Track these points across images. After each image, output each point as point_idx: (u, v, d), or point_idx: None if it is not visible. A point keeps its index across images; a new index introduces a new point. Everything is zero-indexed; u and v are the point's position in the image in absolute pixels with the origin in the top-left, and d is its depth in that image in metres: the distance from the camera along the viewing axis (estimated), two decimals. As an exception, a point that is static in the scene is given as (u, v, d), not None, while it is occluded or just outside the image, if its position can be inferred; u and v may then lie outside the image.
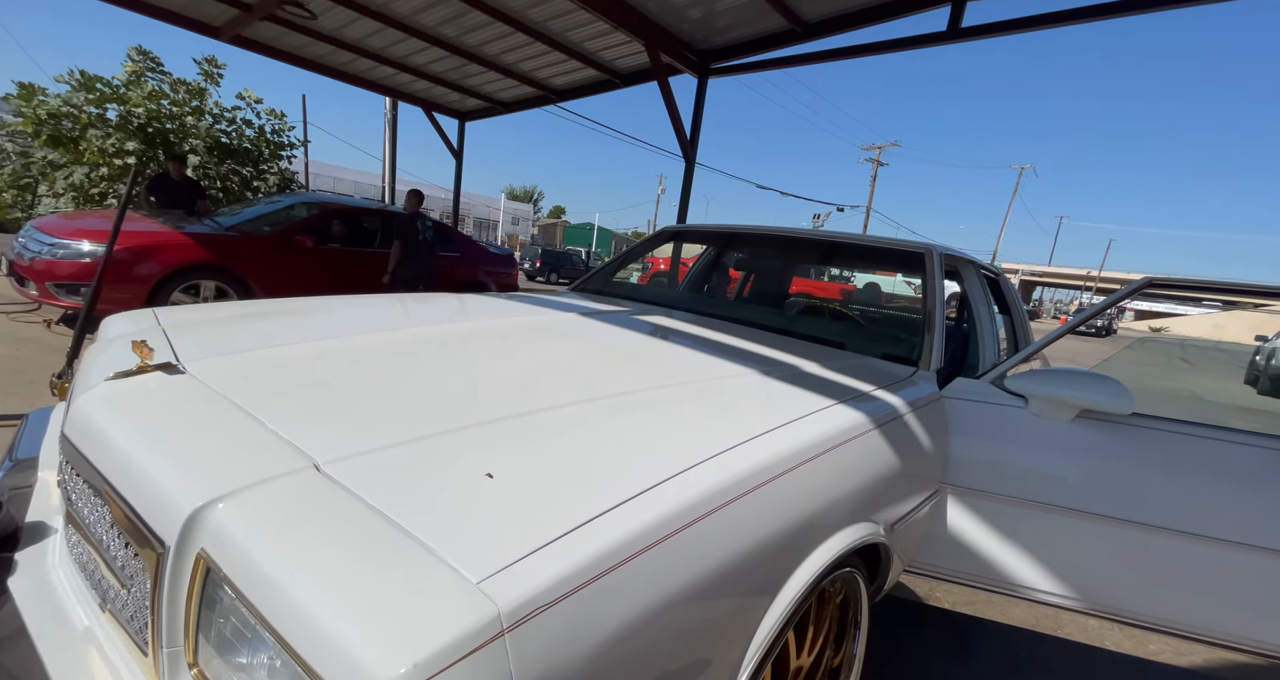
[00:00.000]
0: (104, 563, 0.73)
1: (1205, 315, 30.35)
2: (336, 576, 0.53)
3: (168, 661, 0.63)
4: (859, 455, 1.07)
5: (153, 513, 0.65)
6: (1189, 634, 1.35)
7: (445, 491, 0.67)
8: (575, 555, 0.59)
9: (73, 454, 0.80)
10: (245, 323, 1.33)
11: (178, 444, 0.73)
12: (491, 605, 0.51)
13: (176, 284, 4.65)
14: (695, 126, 5.90)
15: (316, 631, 0.49)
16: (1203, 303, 36.86)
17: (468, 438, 0.80)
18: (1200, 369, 12.82)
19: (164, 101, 7.70)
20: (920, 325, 1.74)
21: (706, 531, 0.71)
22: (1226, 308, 23.90)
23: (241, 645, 0.58)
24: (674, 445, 0.84)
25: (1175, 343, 18.74)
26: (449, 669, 0.46)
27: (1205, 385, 9.88)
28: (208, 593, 0.61)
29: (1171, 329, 26.11)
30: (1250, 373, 10.56)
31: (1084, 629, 1.84)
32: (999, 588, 1.48)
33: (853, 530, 0.99)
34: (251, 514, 0.61)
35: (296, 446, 0.72)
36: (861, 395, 1.24)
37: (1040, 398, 1.37)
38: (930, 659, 1.76)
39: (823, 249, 2.62)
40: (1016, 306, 2.69)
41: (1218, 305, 31.13)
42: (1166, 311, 36.38)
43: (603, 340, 1.48)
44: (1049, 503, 1.37)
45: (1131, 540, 1.33)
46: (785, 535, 0.83)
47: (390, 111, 10.07)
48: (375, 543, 0.57)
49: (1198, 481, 1.29)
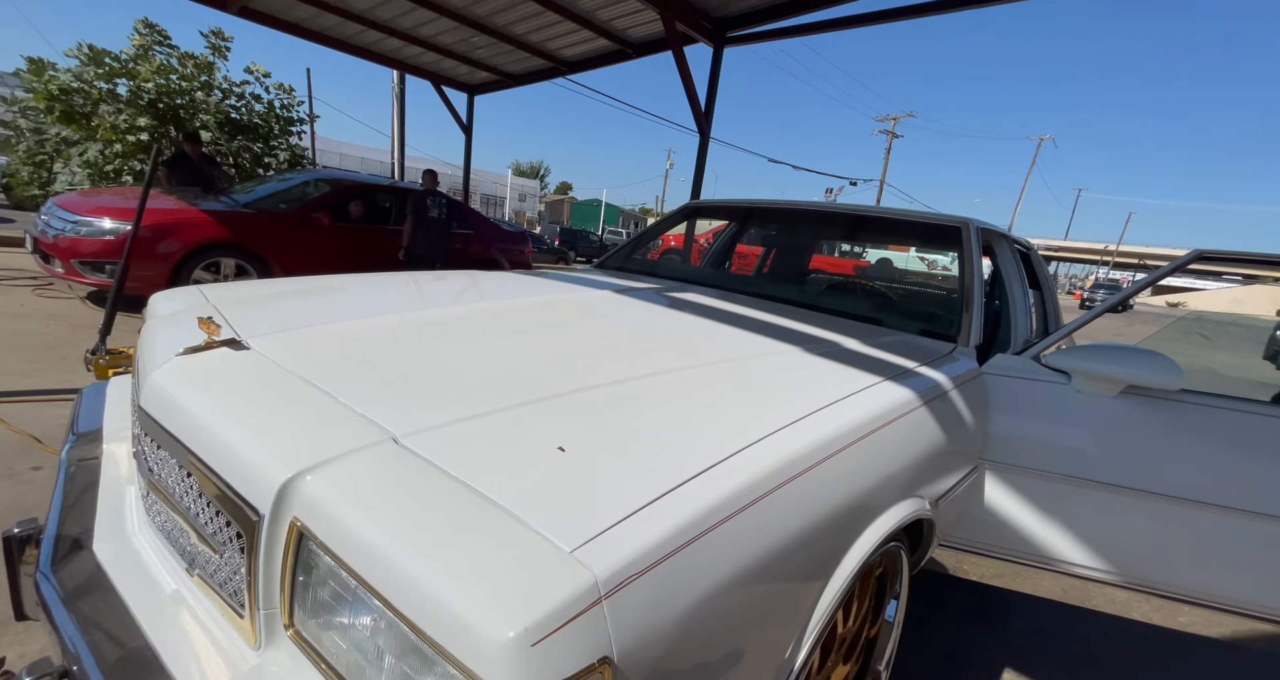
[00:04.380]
0: (193, 530, 0.75)
1: (1224, 289, 29.70)
2: (435, 544, 0.55)
3: (264, 623, 0.66)
4: (908, 431, 1.07)
5: (244, 483, 0.67)
6: (1226, 606, 1.37)
7: (522, 463, 0.68)
8: (658, 526, 0.60)
9: (152, 427, 0.82)
10: (292, 300, 1.34)
11: (258, 418, 0.75)
12: (589, 573, 0.52)
13: (198, 262, 4.68)
14: (710, 99, 5.76)
15: (423, 596, 0.51)
16: (1222, 277, 35.90)
17: (533, 412, 0.81)
18: (1218, 345, 12.64)
19: (173, 76, 7.63)
20: (957, 301, 1.72)
21: (775, 506, 0.72)
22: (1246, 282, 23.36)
23: (341, 607, 0.60)
24: (733, 421, 0.85)
25: (1193, 318, 18.42)
26: (555, 633, 0.48)
27: (1223, 361, 9.75)
28: (302, 558, 0.63)
29: (1189, 304, 25.61)
30: (1270, 348, 10.40)
31: (1112, 601, 1.87)
32: (1032, 561, 1.50)
33: (904, 506, 1.00)
34: (341, 484, 0.63)
35: (372, 420, 0.74)
36: (906, 372, 1.24)
37: (1084, 374, 1.36)
38: (958, 630, 1.80)
39: (851, 223, 2.58)
40: (1046, 282, 2.65)
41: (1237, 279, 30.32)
42: (1184, 287, 35.67)
43: (642, 317, 1.48)
44: (1090, 478, 1.37)
45: (1173, 515, 1.34)
46: (845, 510, 0.85)
47: (398, 85, 9.92)
48: (466, 512, 0.59)
49: (1244, 458, 1.28)
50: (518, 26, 6.23)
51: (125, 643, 0.72)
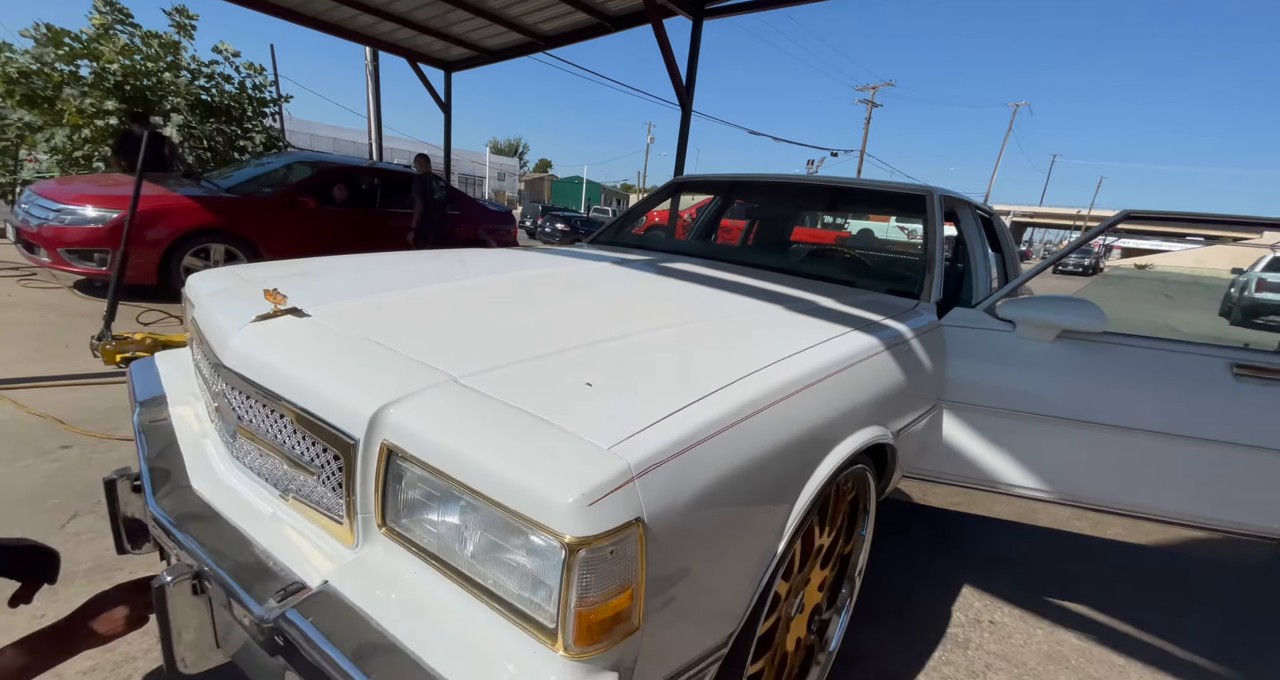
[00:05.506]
0: (288, 461, 0.92)
1: (1189, 250, 30.61)
2: (508, 447, 0.72)
3: (361, 525, 0.84)
4: (873, 371, 1.27)
5: (338, 418, 0.83)
6: (1143, 515, 1.62)
7: (561, 394, 0.85)
8: (672, 432, 0.78)
9: (240, 383, 0.98)
10: (325, 277, 1.48)
11: (338, 368, 0.91)
12: (624, 462, 0.70)
13: (188, 248, 4.71)
14: (691, 72, 5.82)
15: (504, 483, 0.68)
16: (1186, 239, 36.95)
17: (562, 359, 0.98)
18: (1179, 303, 13.19)
19: (137, 57, 7.40)
20: (921, 262, 1.92)
21: (762, 422, 0.91)
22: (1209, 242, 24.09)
23: (429, 503, 0.77)
24: (732, 359, 1.03)
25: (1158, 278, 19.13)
26: (604, 499, 0.66)
27: (1182, 318, 10.24)
28: (392, 471, 0.80)
29: (1155, 265, 26.46)
30: (1225, 305, 10.92)
31: (1056, 520, 2.13)
32: (985, 487, 1.73)
33: (869, 431, 1.20)
34: (421, 413, 0.79)
35: (433, 367, 0.90)
36: (873, 324, 1.43)
37: (1026, 321, 1.57)
38: (923, 552, 2.05)
39: (828, 194, 2.75)
40: (1008, 244, 2.86)
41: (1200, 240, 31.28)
42: (1153, 249, 36.70)
43: (642, 284, 1.65)
44: (1034, 412, 1.60)
45: (1099, 439, 1.57)
46: (818, 430, 1.04)
47: (371, 62, 9.70)
48: (527, 427, 0.76)
49: (1157, 387, 1.51)
50: (494, 0, 6.17)
51: (240, 552, 0.89)
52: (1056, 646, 1.80)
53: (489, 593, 0.72)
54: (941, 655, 1.70)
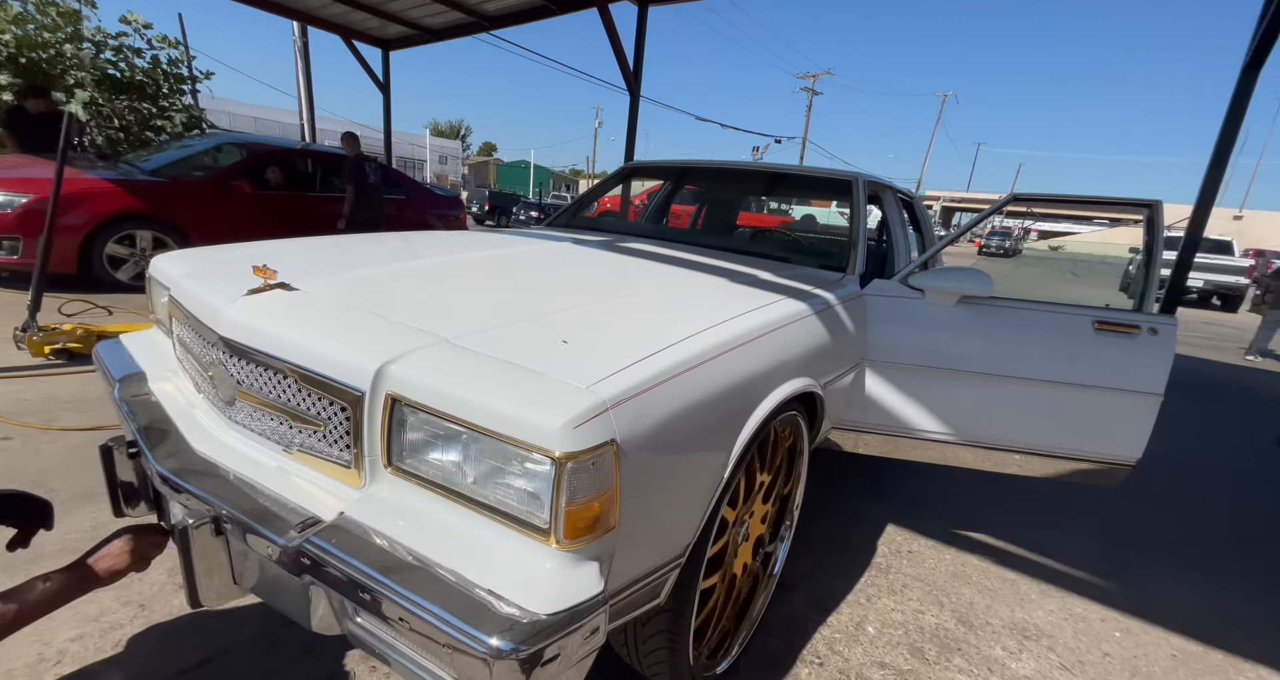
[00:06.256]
0: (293, 416, 1.02)
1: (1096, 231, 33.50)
2: (502, 391, 0.86)
3: (369, 467, 0.96)
4: (803, 331, 1.47)
5: (344, 375, 0.94)
6: (1028, 450, 1.93)
7: (541, 350, 1.00)
8: (637, 375, 0.94)
9: (240, 350, 1.06)
10: (304, 255, 1.54)
11: (338, 332, 1.02)
12: (598, 397, 0.86)
13: (110, 234, 4.45)
14: (638, 58, 5.91)
15: (500, 416, 0.83)
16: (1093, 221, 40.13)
17: (538, 323, 1.12)
18: (1084, 280, 14.57)
19: (30, 27, 6.74)
20: (848, 241, 2.16)
21: (710, 369, 1.09)
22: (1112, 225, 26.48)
23: (432, 442, 0.91)
24: (684, 321, 1.20)
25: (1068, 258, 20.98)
26: (585, 424, 0.81)
27: (1085, 294, 11.34)
28: (395, 417, 0.93)
29: (1067, 246, 28.91)
30: (1124, 281, 12.17)
31: (964, 460, 2.46)
32: (904, 434, 2.00)
33: (800, 381, 1.41)
34: (420, 367, 0.92)
35: (425, 330, 1.03)
36: (804, 292, 1.65)
37: (932, 289, 1.83)
38: (853, 496, 2.32)
39: (767, 179, 2.97)
40: (926, 224, 3.18)
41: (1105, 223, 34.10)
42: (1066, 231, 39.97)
43: (600, 261, 1.80)
44: (939, 367, 1.86)
45: (992, 387, 1.86)
46: (756, 377, 1.23)
47: (300, 37, 9.20)
48: (515, 374, 0.90)
49: (1035, 341, 1.81)
50: (434, -22, 6.01)
51: (252, 498, 0.99)
52: (961, 567, 2.12)
53: (490, 507, 0.87)
54: (868, 579, 1.98)
